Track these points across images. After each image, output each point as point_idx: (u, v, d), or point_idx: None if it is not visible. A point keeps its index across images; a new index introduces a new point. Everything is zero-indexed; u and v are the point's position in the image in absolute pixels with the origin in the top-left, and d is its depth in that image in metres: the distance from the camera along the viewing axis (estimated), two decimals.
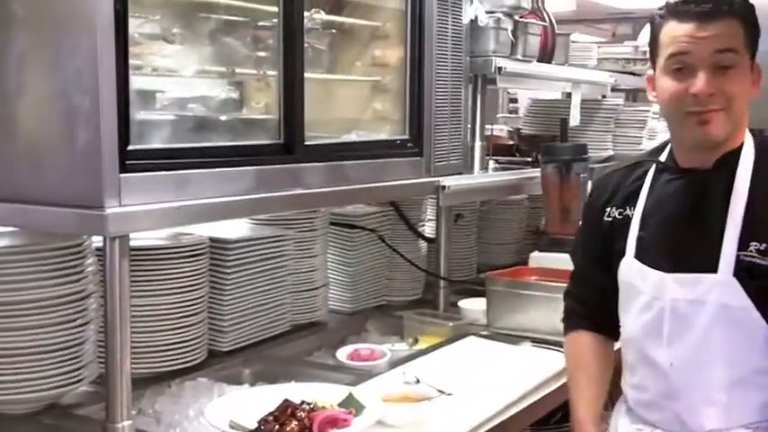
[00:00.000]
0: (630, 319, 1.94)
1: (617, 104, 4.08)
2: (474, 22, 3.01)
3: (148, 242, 2.31)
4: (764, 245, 1.75)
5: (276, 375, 2.45)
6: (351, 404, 1.95)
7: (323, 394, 1.99)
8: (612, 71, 4.03)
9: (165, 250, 2.32)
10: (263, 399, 1.97)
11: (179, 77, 2.24)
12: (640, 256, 1.90)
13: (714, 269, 1.77)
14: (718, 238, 1.78)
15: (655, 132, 4.32)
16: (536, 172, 3.39)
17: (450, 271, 3.25)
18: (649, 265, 1.87)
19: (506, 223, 3.91)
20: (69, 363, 2.06)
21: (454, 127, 2.96)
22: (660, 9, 1.82)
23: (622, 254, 1.93)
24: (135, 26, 1.94)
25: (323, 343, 2.82)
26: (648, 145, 3.87)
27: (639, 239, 1.90)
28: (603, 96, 4.16)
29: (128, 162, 1.83)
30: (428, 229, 3.44)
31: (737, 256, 1.76)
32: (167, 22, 2.19)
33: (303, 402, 1.92)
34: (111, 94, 1.78)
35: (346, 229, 3.07)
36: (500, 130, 4.17)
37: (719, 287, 1.77)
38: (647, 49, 1.90)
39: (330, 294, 3.03)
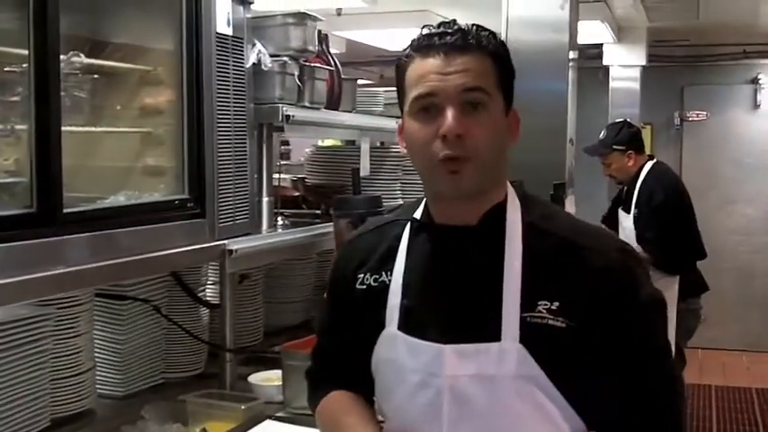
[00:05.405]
0: (399, 403, 1.65)
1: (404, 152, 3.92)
2: (257, 66, 2.74)
3: None
4: (555, 303, 1.54)
5: None
6: None
7: None
8: (398, 117, 3.87)
9: None
10: None
11: None
12: (406, 327, 1.64)
13: (497, 337, 1.55)
14: (497, 302, 1.56)
15: None
16: (328, 227, 3.14)
17: (235, 338, 2.91)
18: (420, 338, 1.61)
19: (294, 279, 3.61)
20: None
21: (240, 182, 2.66)
22: (405, 49, 1.63)
23: (382, 326, 1.67)
24: None
25: None
26: None
27: (404, 309, 1.65)
28: (382, 143, 4.01)
29: None
30: (209, 293, 3.10)
31: (523, 319, 1.55)
32: None
33: None
34: None
35: (115, 301, 2.67)
36: (283, 179, 3.90)
37: (505, 356, 1.54)
38: None
39: (98, 377, 2.62)
